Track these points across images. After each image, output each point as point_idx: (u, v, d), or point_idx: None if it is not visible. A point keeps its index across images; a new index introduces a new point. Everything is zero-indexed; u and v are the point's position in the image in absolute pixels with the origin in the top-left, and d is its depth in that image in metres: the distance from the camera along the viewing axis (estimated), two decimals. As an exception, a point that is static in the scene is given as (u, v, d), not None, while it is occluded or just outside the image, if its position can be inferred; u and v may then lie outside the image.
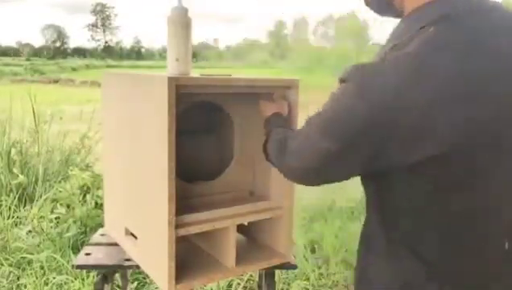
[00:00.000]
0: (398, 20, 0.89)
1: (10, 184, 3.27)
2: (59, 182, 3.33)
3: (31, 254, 2.57)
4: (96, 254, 1.44)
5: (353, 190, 3.26)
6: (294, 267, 1.46)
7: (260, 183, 1.49)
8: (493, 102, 0.74)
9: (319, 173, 0.89)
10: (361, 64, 0.79)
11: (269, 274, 1.47)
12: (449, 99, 0.71)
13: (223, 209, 1.30)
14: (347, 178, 0.88)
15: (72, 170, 3.23)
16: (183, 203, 1.22)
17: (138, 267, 1.36)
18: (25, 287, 2.39)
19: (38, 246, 2.64)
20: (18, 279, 2.46)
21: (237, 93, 1.33)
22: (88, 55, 69.88)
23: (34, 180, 3.39)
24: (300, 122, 1.35)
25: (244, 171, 1.49)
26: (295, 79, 1.34)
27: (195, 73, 1.28)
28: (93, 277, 2.20)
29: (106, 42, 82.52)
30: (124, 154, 1.40)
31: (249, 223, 1.53)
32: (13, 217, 2.96)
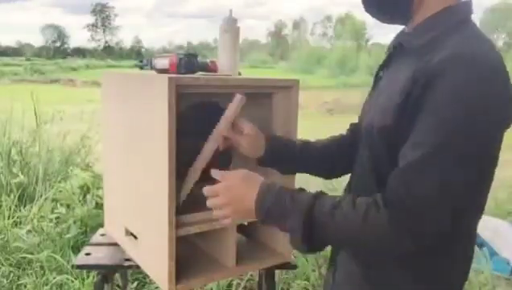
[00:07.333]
0: None
1: (10, 184, 3.27)
2: (60, 182, 3.33)
3: (31, 254, 2.57)
4: (96, 254, 1.44)
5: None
6: (294, 267, 1.46)
7: (260, 183, 1.49)
8: None
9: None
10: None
11: (269, 274, 1.47)
12: None
13: (223, 209, 1.29)
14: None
15: (72, 170, 3.23)
16: (184, 203, 1.22)
17: (138, 267, 1.36)
18: (25, 287, 2.39)
19: (38, 245, 2.63)
20: (18, 278, 2.46)
21: (237, 93, 1.33)
22: (88, 55, 69.74)
23: (34, 180, 3.39)
24: (299, 122, 1.35)
25: (244, 171, 1.48)
26: (295, 79, 1.34)
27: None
28: (93, 277, 2.20)
29: (106, 42, 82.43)
30: (124, 154, 1.40)
31: (249, 223, 1.53)
32: (13, 216, 2.95)
